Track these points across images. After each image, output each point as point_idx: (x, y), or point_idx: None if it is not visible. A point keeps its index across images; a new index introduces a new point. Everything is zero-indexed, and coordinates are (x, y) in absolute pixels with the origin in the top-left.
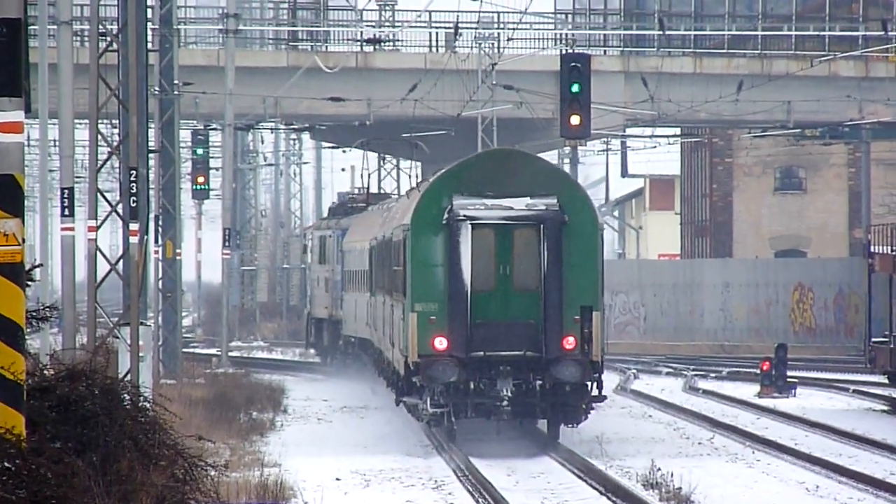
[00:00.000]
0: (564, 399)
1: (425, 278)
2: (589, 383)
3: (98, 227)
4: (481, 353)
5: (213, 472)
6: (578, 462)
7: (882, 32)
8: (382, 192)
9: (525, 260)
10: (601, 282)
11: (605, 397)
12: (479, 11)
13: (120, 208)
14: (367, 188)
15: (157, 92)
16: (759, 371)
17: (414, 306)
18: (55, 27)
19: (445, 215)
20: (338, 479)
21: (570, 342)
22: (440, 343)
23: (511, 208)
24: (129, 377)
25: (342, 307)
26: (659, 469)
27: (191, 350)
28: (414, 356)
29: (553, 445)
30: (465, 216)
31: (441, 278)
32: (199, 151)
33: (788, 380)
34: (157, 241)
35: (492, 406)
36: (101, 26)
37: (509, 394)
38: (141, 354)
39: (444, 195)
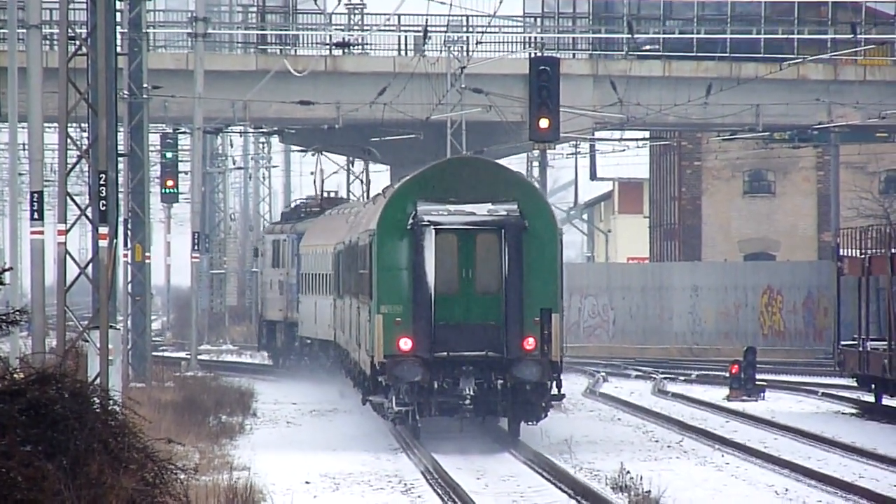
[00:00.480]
0: (525, 397)
1: (391, 281)
2: (548, 382)
3: (67, 231)
4: (445, 353)
5: (182, 476)
6: (547, 465)
7: (851, 35)
8: (336, 196)
9: (487, 264)
10: (560, 285)
11: (563, 395)
12: (449, 15)
13: (89, 212)
14: (321, 193)
15: (126, 95)
16: (728, 374)
17: (380, 308)
18: (24, 31)
19: (410, 220)
20: (307, 483)
21: (530, 343)
22: (405, 344)
23: (473, 214)
24: (98, 381)
25: (298, 309)
26: (628, 472)
27: (160, 354)
28: (380, 356)
29: (514, 442)
30: (428, 221)
31: (406, 281)
32: (168, 155)
33: (757, 383)
34: (126, 244)
35: (455, 404)
36: (70, 30)
37: (472, 392)
38: (110, 358)
39: (409, 201)
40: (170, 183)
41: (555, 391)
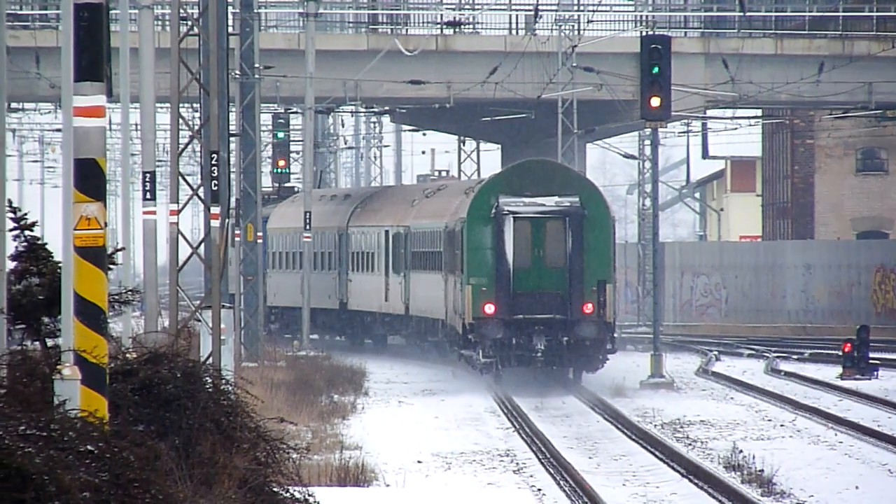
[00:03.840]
0: (585, 352)
1: (477, 259)
2: (604, 339)
3: (179, 211)
4: (521, 315)
5: (294, 455)
6: (660, 444)
7: None
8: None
9: (554, 245)
10: (613, 261)
11: (616, 350)
12: None
13: (201, 192)
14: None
15: (237, 76)
16: (841, 353)
17: (469, 280)
18: (136, 11)
19: (493, 210)
20: (419, 462)
21: (588, 308)
22: (489, 308)
23: (544, 205)
24: (210, 360)
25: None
26: (741, 451)
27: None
28: (469, 319)
29: (576, 387)
30: (508, 211)
31: (489, 259)
32: (280, 135)
33: (871, 361)
34: (238, 224)
35: (529, 357)
36: (182, 10)
37: (542, 347)
38: (223, 337)
39: (493, 194)
40: (281, 163)
41: (609, 346)
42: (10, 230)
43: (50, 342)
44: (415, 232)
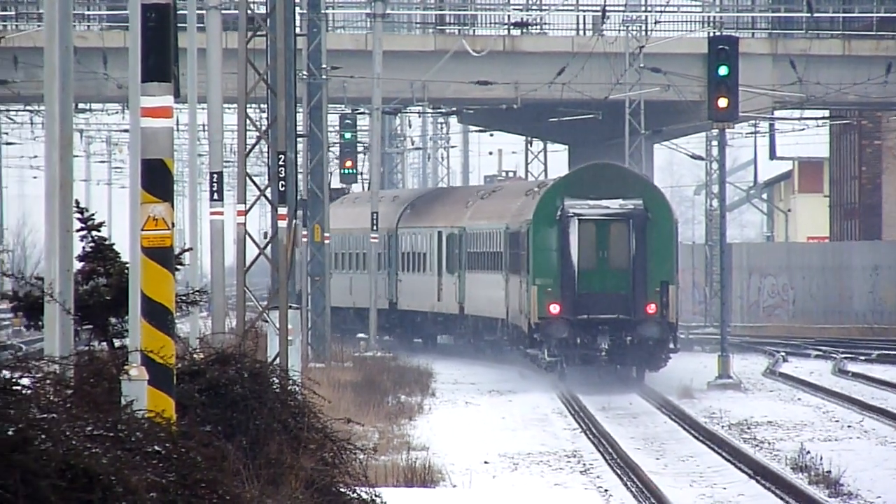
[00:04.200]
0: (648, 350)
1: (543, 260)
2: (667, 339)
3: (247, 212)
4: (585, 315)
5: (361, 456)
6: (727, 445)
7: None
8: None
9: (618, 246)
10: (676, 262)
11: (678, 350)
12: None
13: (268, 192)
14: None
15: (305, 76)
16: None
17: (535, 281)
18: (204, 12)
19: (558, 213)
20: (486, 463)
21: (652, 308)
22: (554, 308)
23: (608, 207)
24: (277, 361)
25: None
26: (808, 452)
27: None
28: (535, 318)
29: (639, 386)
30: (573, 213)
31: (554, 260)
32: (347, 135)
33: None
34: (305, 225)
35: (593, 356)
36: (249, 11)
37: (606, 347)
38: (290, 338)
39: (558, 197)
40: (348, 163)
41: (671, 346)
42: (78, 231)
43: (117, 343)
44: (470, 233)
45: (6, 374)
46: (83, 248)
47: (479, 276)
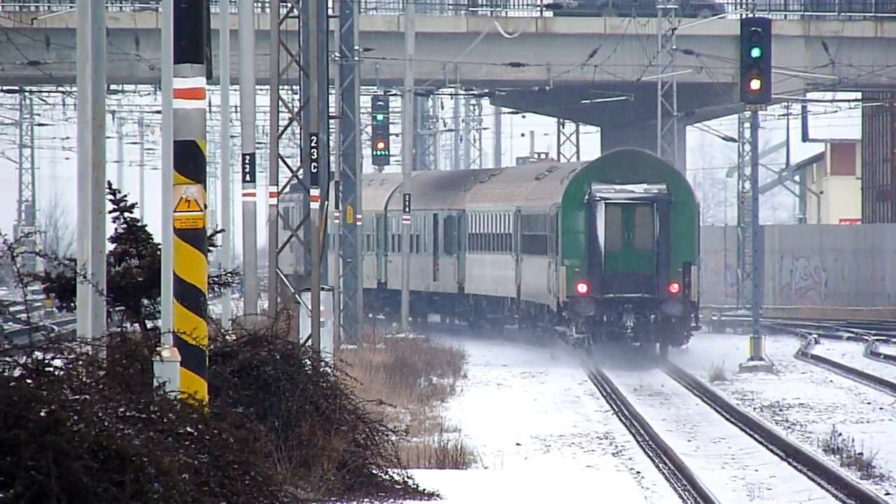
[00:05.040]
0: (671, 328)
1: (571, 242)
2: (689, 317)
3: (279, 193)
4: (611, 294)
5: (393, 437)
6: (759, 427)
7: None
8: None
9: (642, 229)
10: (697, 244)
11: (699, 327)
12: None
13: (301, 174)
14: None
15: (337, 58)
16: None
17: (563, 262)
18: None
19: (586, 197)
20: (518, 444)
21: (674, 287)
22: (582, 288)
23: (633, 192)
24: (310, 342)
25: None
26: (840, 434)
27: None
28: (563, 297)
29: (662, 360)
30: (600, 197)
31: (582, 241)
32: (379, 117)
33: None
34: (337, 206)
35: (619, 333)
36: None
37: (631, 324)
38: (322, 320)
39: (585, 182)
40: (381, 145)
41: (693, 324)
42: (110, 212)
43: (149, 324)
44: (471, 214)
45: (39, 355)
46: (115, 229)
47: (484, 257)
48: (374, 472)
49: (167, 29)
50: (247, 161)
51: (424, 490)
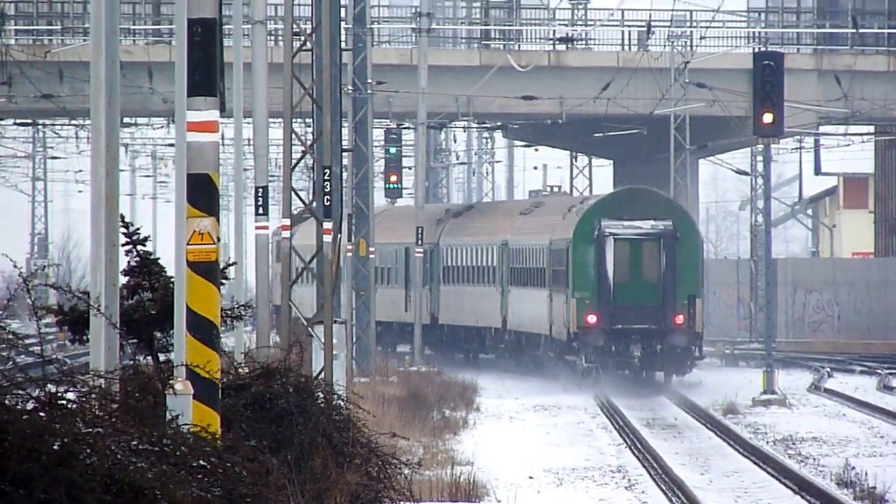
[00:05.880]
0: (676, 357)
1: (581, 275)
2: (693, 347)
3: (292, 226)
4: (620, 325)
5: (406, 470)
6: (772, 461)
7: None
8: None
9: (650, 263)
10: (702, 277)
11: (703, 357)
12: (672, 10)
13: (314, 207)
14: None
15: (350, 91)
16: None
17: (574, 294)
18: (249, 27)
19: (596, 232)
20: (530, 478)
21: (680, 319)
22: (591, 319)
23: (640, 228)
24: (322, 375)
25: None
26: (853, 468)
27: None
28: (573, 328)
29: (667, 388)
30: (609, 233)
31: (592, 275)
32: (392, 150)
33: None
34: (350, 239)
35: (626, 362)
36: (295, 26)
37: (639, 354)
38: (335, 352)
39: (595, 218)
40: (393, 178)
41: (697, 354)
42: (123, 245)
43: (162, 357)
44: (444, 248)
45: (52, 388)
46: (128, 262)
47: (462, 289)
48: None
49: (180, 62)
50: (260, 194)
51: None
